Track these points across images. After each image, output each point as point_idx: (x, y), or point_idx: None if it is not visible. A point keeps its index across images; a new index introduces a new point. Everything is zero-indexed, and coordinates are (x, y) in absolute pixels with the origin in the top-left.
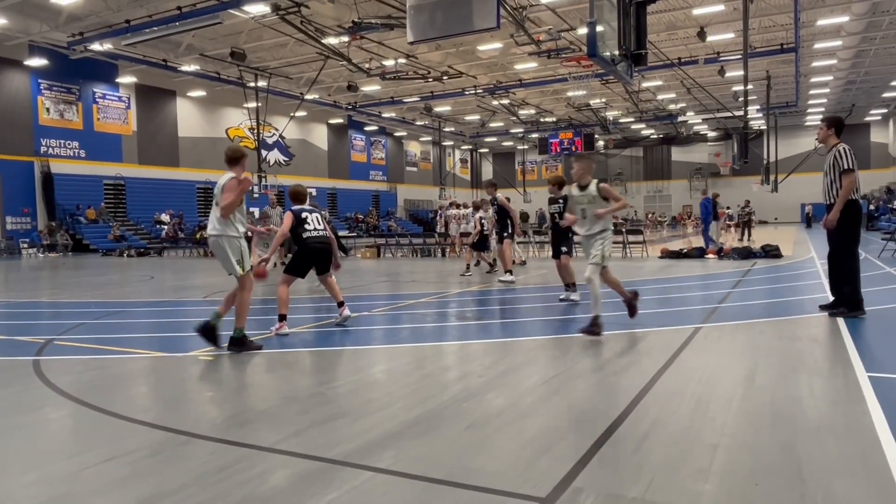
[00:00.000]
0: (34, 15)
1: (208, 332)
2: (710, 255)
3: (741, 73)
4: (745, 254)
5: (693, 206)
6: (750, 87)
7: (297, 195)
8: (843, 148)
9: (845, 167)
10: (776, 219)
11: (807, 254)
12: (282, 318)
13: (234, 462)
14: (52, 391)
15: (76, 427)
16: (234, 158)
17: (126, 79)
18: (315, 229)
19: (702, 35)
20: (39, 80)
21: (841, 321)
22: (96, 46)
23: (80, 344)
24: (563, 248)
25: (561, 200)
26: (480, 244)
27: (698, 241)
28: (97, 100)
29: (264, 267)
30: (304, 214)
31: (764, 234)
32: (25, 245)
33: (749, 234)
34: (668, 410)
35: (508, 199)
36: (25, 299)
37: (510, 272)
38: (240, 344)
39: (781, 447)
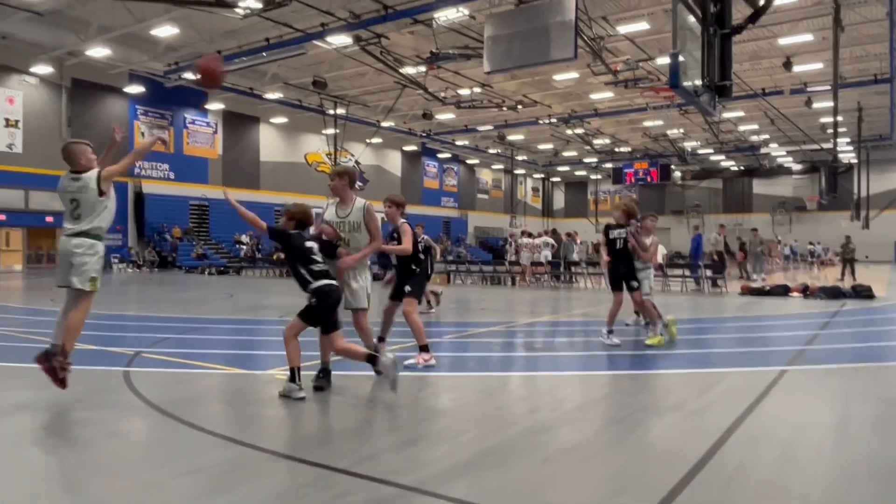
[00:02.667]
0: (136, 46)
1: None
2: (795, 294)
3: (830, 104)
4: (834, 294)
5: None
6: (840, 118)
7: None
8: None
9: None
10: (867, 257)
11: None
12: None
13: (311, 482)
14: (140, 401)
15: (162, 438)
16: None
17: (214, 105)
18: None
19: (788, 65)
20: (137, 106)
21: None
22: (189, 75)
23: (166, 357)
24: (634, 284)
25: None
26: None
27: (780, 279)
28: (187, 125)
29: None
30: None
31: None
32: (116, 260)
33: (853, 273)
34: (753, 456)
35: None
36: (116, 312)
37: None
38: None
39: (880, 502)
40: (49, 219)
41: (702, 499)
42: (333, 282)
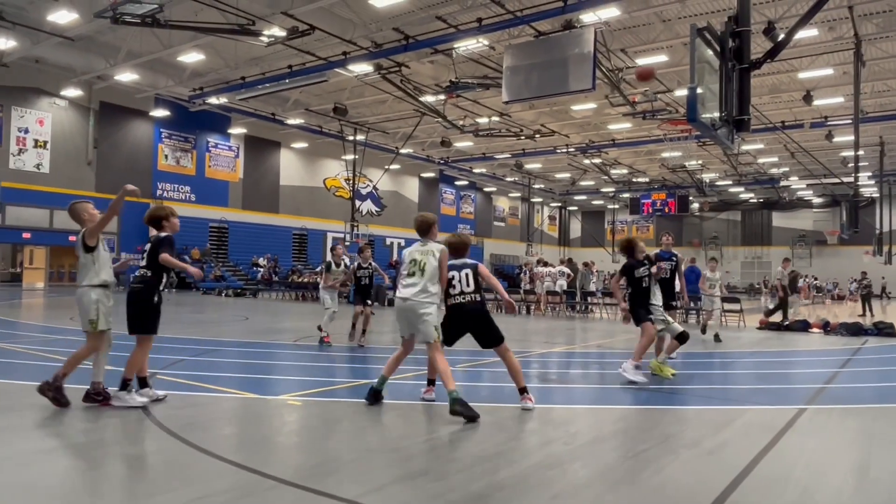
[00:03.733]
0: (162, 71)
1: (375, 396)
2: (815, 329)
3: (851, 138)
4: (855, 330)
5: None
6: (861, 152)
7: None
8: None
9: None
10: (889, 293)
11: None
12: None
13: None
14: (152, 424)
15: (173, 462)
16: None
17: (237, 130)
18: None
19: (808, 99)
20: (161, 130)
21: None
22: (213, 100)
23: (179, 380)
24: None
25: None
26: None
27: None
28: (210, 148)
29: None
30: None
31: (876, 310)
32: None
33: (870, 309)
34: (770, 498)
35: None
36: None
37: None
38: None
39: None
40: (72, 238)
41: None
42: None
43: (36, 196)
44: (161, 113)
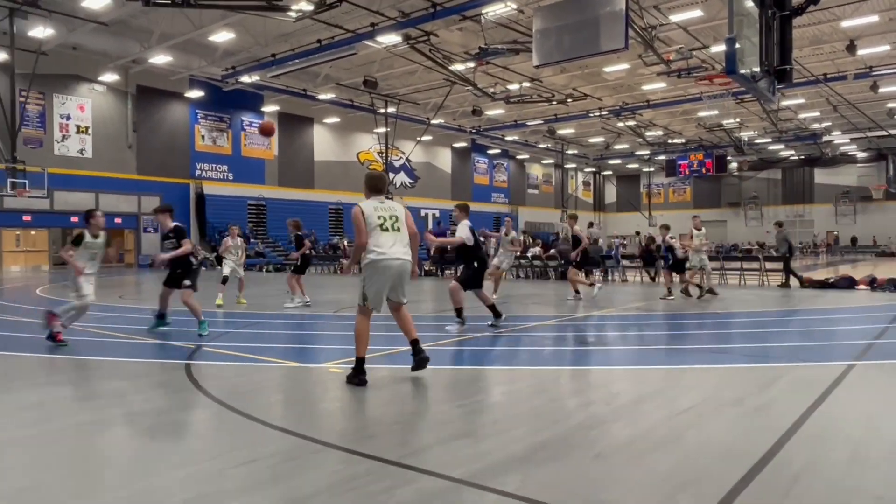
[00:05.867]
0: (194, 52)
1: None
2: (862, 286)
3: None
4: None
5: (839, 231)
6: None
7: None
8: None
9: None
10: None
11: None
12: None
13: (363, 474)
14: (200, 394)
15: (221, 428)
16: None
17: (270, 107)
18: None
19: (851, 49)
20: (197, 111)
21: None
22: (245, 79)
23: (225, 351)
24: None
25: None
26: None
27: (846, 271)
28: (244, 127)
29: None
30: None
31: None
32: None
33: None
34: (820, 454)
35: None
36: (177, 308)
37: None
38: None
39: None
40: (118, 220)
41: (765, 499)
42: None
43: (81, 181)
44: (196, 94)
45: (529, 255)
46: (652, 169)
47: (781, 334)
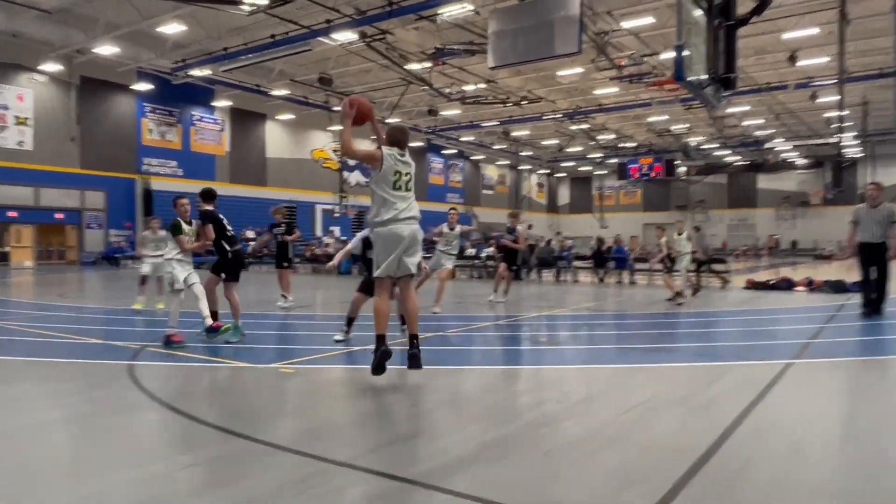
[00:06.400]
0: (143, 43)
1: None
2: (800, 288)
3: (835, 98)
4: (839, 288)
5: (780, 235)
6: (845, 113)
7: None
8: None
9: None
10: None
11: None
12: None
13: (313, 475)
14: (144, 395)
15: (166, 431)
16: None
17: (221, 102)
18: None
19: (793, 59)
20: (144, 104)
21: None
22: (196, 72)
23: (171, 351)
24: None
25: None
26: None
27: (787, 273)
28: (195, 122)
29: None
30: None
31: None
32: (125, 256)
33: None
34: (760, 450)
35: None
36: (123, 306)
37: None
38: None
39: (891, 496)
40: (59, 216)
41: (707, 493)
42: None
43: (20, 174)
44: (144, 87)
45: (483, 255)
46: (604, 172)
47: (725, 334)
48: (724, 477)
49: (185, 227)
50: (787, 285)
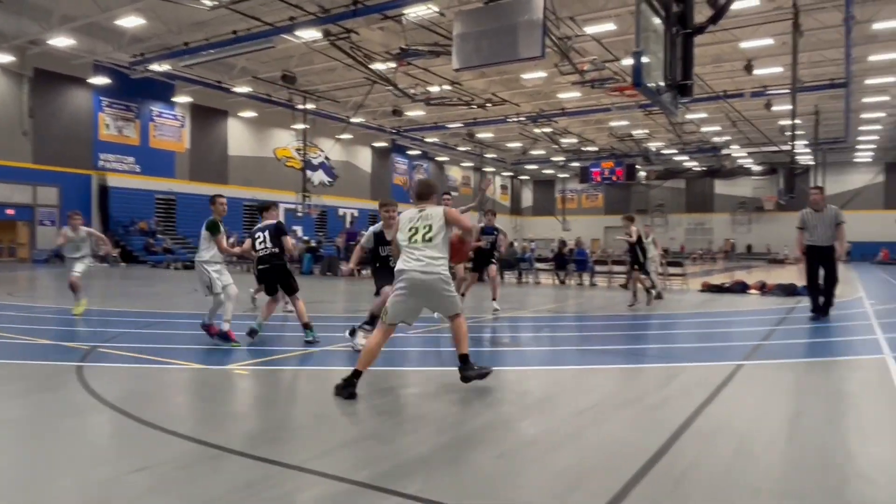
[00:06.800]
0: (100, 36)
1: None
2: (753, 291)
3: (789, 107)
4: (790, 291)
5: (735, 240)
6: (798, 121)
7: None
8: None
9: (843, 221)
10: None
11: (854, 293)
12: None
13: (261, 479)
14: (92, 398)
15: (113, 434)
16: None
17: (182, 98)
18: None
19: (749, 68)
20: (101, 98)
21: (892, 364)
22: (156, 67)
23: (123, 352)
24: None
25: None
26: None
27: (742, 277)
28: (154, 118)
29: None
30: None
31: None
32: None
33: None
34: (708, 449)
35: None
36: (73, 306)
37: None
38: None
39: (830, 493)
40: (10, 211)
41: (656, 493)
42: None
43: None
44: (100, 80)
45: None
46: (567, 175)
47: (680, 335)
48: (673, 477)
49: (222, 227)
50: (740, 288)
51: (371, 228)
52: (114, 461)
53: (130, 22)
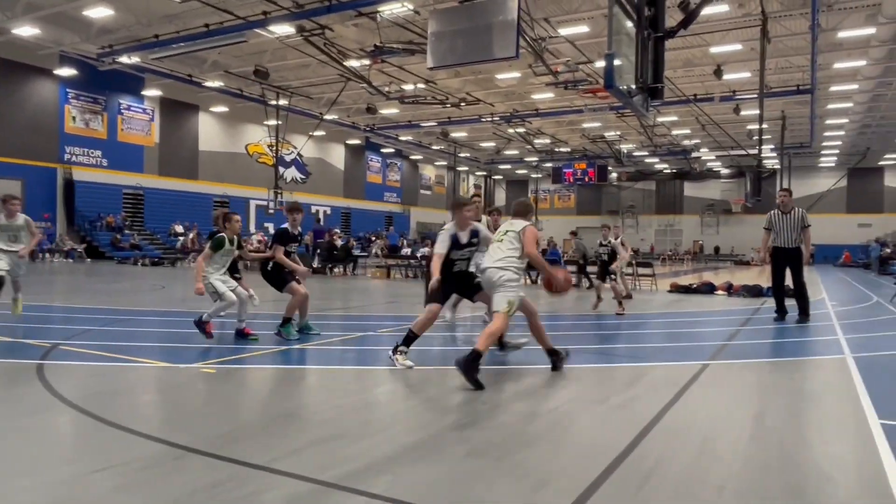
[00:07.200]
0: (67, 26)
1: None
2: (720, 291)
3: (756, 111)
4: (755, 292)
5: (704, 241)
6: (765, 126)
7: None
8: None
9: (809, 224)
10: None
11: (817, 294)
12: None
13: (226, 479)
14: (52, 396)
15: (74, 434)
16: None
17: (151, 91)
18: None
19: (718, 73)
20: (67, 90)
21: (852, 365)
22: (125, 59)
23: (86, 350)
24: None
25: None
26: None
27: (710, 278)
28: (122, 111)
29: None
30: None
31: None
32: (43, 250)
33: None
34: (673, 448)
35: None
36: (38, 303)
37: None
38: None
39: (791, 491)
40: None
41: (621, 491)
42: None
43: None
44: (67, 72)
45: (419, 255)
46: (539, 175)
47: (647, 336)
48: (640, 475)
49: (227, 245)
50: (708, 289)
51: (445, 230)
52: (75, 461)
53: (99, 12)
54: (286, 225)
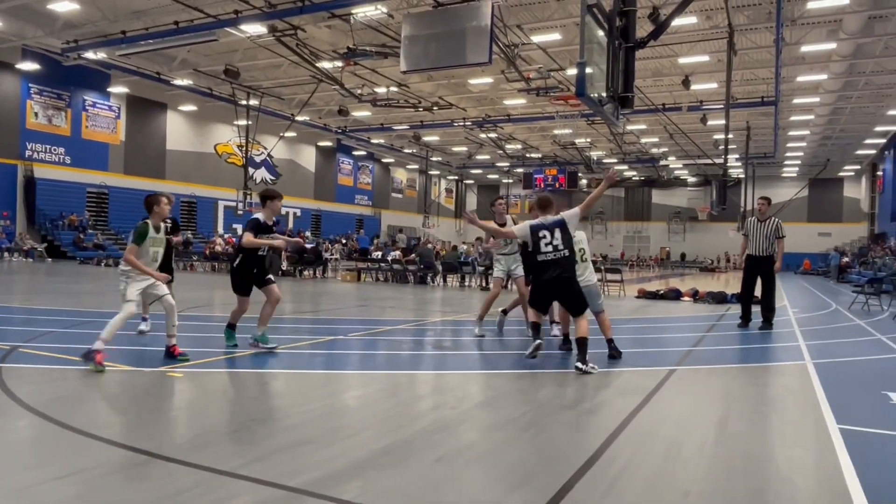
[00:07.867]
0: (30, 19)
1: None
2: (686, 298)
3: (723, 122)
4: (720, 299)
5: (670, 248)
6: (730, 136)
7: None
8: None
9: (783, 235)
10: None
11: (779, 301)
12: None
13: (192, 486)
14: (11, 401)
15: (33, 440)
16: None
17: (118, 88)
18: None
19: (686, 83)
20: (30, 85)
21: (812, 371)
22: (90, 55)
23: (46, 353)
24: None
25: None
26: None
27: (677, 284)
28: (87, 107)
29: None
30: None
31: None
32: (2, 248)
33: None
34: (641, 453)
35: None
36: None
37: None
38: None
39: (753, 494)
40: None
41: (591, 495)
42: None
43: None
44: (29, 66)
45: (389, 258)
46: (511, 180)
47: (615, 341)
48: (607, 479)
49: (152, 233)
50: (674, 295)
51: (527, 222)
52: (35, 468)
53: (63, 7)
54: (259, 215)
